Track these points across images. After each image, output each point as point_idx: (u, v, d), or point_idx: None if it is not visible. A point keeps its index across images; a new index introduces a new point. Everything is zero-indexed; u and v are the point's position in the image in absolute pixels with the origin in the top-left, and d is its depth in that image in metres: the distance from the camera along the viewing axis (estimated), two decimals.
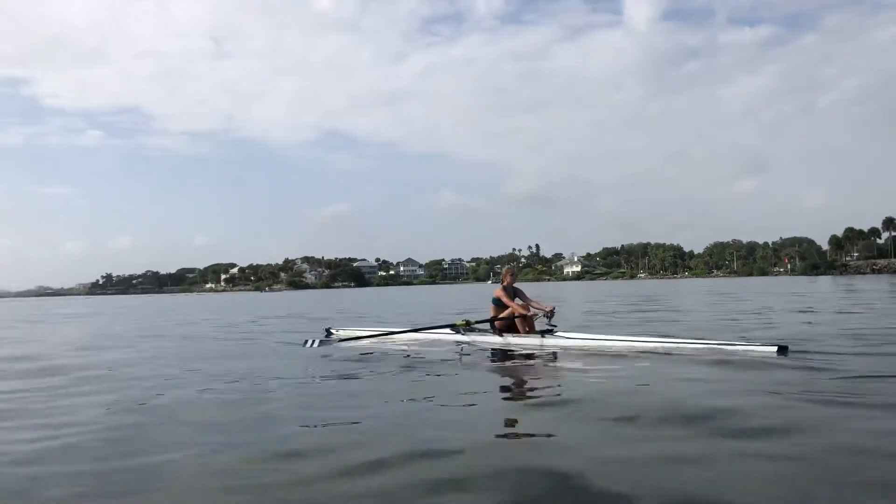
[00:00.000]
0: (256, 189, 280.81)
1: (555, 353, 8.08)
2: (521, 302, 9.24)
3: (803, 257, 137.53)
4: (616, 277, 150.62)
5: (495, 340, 8.99)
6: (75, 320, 25.17)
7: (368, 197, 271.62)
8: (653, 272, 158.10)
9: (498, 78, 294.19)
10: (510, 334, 8.96)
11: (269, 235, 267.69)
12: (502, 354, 8.31)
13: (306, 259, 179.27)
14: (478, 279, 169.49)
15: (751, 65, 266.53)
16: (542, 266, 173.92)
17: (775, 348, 7.19)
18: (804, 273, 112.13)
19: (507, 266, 10.38)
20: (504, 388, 6.38)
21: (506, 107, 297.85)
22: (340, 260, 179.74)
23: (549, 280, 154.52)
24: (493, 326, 9.26)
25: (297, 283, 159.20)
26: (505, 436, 4.38)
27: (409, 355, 8.48)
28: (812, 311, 15.49)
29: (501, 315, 9.14)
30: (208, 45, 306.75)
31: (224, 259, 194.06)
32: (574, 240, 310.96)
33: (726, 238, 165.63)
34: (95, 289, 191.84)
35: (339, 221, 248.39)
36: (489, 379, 7.02)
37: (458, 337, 9.32)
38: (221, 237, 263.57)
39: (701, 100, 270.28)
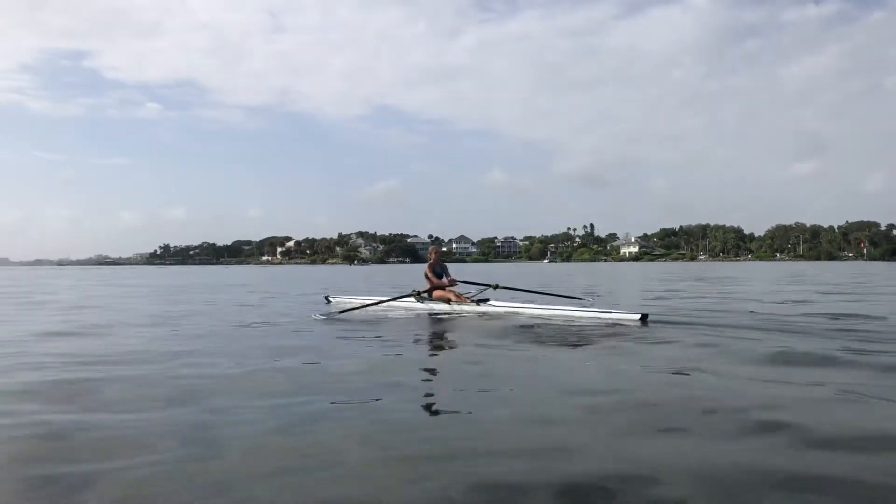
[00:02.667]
0: (308, 163, 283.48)
1: (485, 317, 9.94)
2: (447, 279, 11.29)
3: (874, 242, 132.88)
4: (676, 259, 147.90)
5: (444, 308, 10.79)
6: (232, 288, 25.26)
7: (418, 173, 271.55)
8: (713, 254, 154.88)
9: (552, 55, 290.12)
10: (456, 302, 10.83)
11: (320, 210, 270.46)
12: (447, 317, 10.11)
13: (361, 234, 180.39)
14: (531, 258, 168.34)
15: (814, 43, 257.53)
16: (598, 246, 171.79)
17: (639, 316, 8.75)
18: (882, 258, 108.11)
19: (431, 246, 13.26)
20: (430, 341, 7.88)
21: (559, 84, 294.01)
22: (394, 236, 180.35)
23: (605, 260, 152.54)
24: (430, 295, 11.16)
25: (352, 258, 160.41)
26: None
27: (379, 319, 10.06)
28: None
29: (434, 287, 11.20)
30: (264, 19, 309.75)
31: (276, 232, 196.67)
32: (626, 220, 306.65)
33: (786, 221, 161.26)
34: (154, 259, 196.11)
35: (389, 197, 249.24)
36: (427, 334, 8.57)
37: (420, 305, 11.10)
38: (273, 210, 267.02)
39: (759, 79, 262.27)
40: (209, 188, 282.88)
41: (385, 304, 11.08)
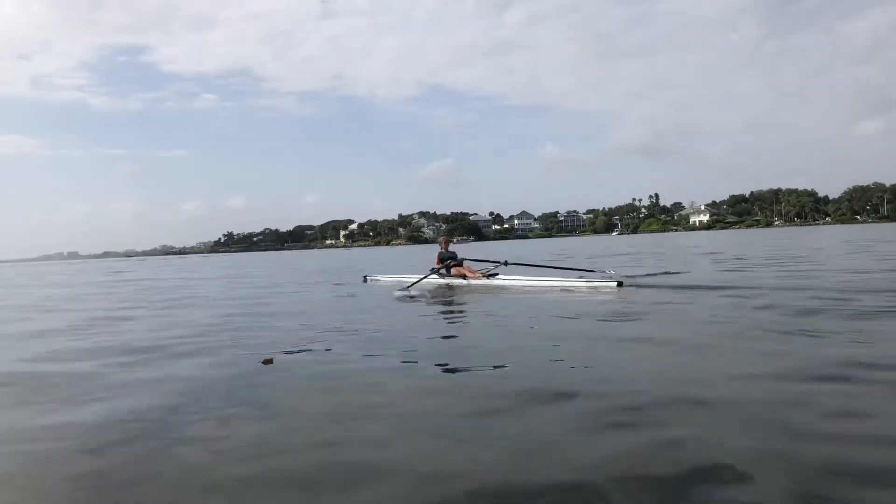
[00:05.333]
0: (363, 146, 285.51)
1: (492, 288, 11.62)
2: (457, 262, 13.12)
3: None
4: (750, 226, 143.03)
5: (462, 282, 12.60)
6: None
7: (472, 151, 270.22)
8: (787, 219, 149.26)
9: (603, 24, 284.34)
10: (470, 278, 12.65)
11: (377, 192, 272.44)
12: (462, 289, 11.91)
13: (423, 214, 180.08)
14: (595, 231, 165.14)
15: None
16: (666, 216, 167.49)
17: (615, 282, 10.50)
18: None
19: (442, 236, 14.84)
20: (450, 308, 9.50)
21: (611, 54, 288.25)
22: (455, 214, 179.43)
23: (675, 230, 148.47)
24: (448, 272, 13.07)
25: (416, 238, 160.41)
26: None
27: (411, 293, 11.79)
28: None
29: (442, 266, 13.16)
30: (315, 5, 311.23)
31: (333, 216, 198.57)
32: (688, 188, 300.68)
33: (857, 181, 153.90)
34: (218, 247, 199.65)
35: (444, 177, 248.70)
36: (461, 301, 10.24)
37: (441, 280, 13.01)
38: (330, 194, 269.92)
39: (821, 37, 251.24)
40: (267, 175, 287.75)
41: (422, 281, 13.07)
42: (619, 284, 10.34)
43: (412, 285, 12.46)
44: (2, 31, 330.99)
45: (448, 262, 13.11)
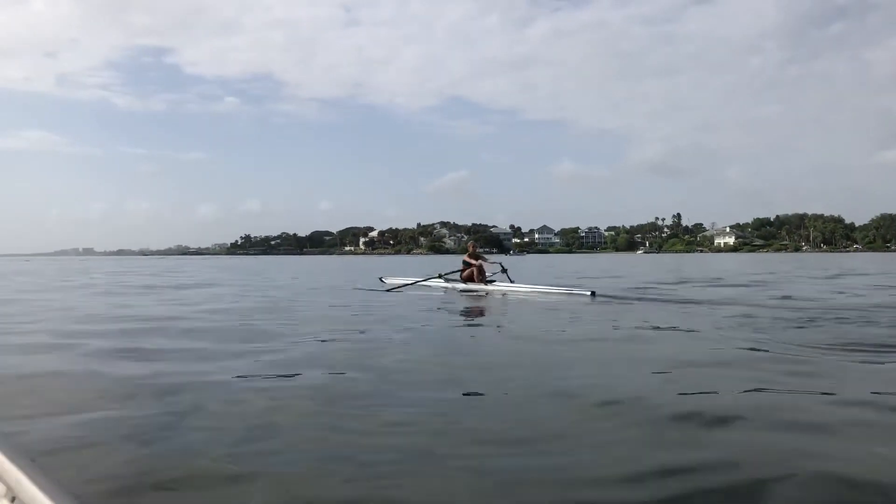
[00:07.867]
0: (380, 155, 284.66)
1: (490, 293, 13.58)
2: (482, 261, 15.17)
3: None
4: (778, 250, 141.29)
5: (461, 286, 14.60)
6: None
7: (489, 164, 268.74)
8: (815, 245, 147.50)
9: (626, 43, 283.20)
10: (471, 282, 14.69)
11: (392, 200, 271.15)
12: (464, 293, 13.82)
13: (444, 224, 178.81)
14: (617, 249, 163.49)
15: None
16: (689, 236, 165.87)
17: (590, 292, 12.27)
18: None
19: (471, 241, 16.75)
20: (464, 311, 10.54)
21: (633, 73, 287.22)
22: (476, 226, 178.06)
23: (701, 251, 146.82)
24: (460, 277, 15.08)
25: (437, 248, 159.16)
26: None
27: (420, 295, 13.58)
28: None
29: (465, 271, 15.00)
30: (339, 13, 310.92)
31: (349, 222, 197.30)
32: (705, 209, 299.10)
33: (877, 210, 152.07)
34: (235, 249, 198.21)
35: (460, 188, 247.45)
36: (458, 303, 11.69)
37: (445, 284, 15.09)
38: (346, 201, 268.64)
39: (845, 64, 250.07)
40: (284, 180, 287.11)
41: (424, 283, 15.56)
42: (592, 294, 12.14)
43: (408, 284, 15.41)
44: (30, 28, 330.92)
45: (477, 262, 15.03)
